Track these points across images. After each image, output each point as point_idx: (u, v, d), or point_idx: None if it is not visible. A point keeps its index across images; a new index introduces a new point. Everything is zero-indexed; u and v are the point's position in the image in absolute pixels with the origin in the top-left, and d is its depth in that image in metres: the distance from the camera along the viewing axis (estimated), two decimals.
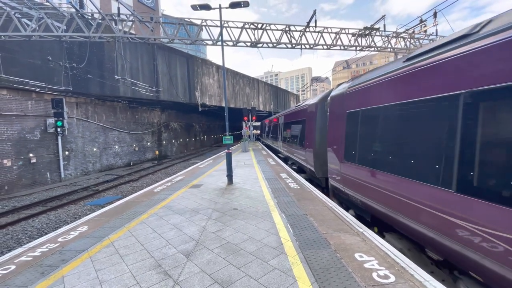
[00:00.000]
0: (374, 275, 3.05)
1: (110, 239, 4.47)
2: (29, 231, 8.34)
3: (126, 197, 7.61)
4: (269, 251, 3.74)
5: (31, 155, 14.76)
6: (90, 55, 16.77)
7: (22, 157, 14.30)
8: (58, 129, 15.80)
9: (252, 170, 11.44)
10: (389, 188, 4.12)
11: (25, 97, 14.39)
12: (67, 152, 17.02)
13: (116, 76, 15.07)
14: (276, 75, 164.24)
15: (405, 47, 16.46)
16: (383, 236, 4.74)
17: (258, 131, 48.66)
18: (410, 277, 3.00)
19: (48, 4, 11.44)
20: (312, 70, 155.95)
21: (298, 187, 7.63)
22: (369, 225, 5.01)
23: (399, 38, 16.38)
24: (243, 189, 7.74)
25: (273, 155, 18.02)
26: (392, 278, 2.97)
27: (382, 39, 15.57)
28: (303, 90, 35.82)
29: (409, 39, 16.65)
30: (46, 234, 8.01)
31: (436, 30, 17.59)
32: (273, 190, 7.45)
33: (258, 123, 49.19)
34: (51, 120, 15.60)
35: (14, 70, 13.26)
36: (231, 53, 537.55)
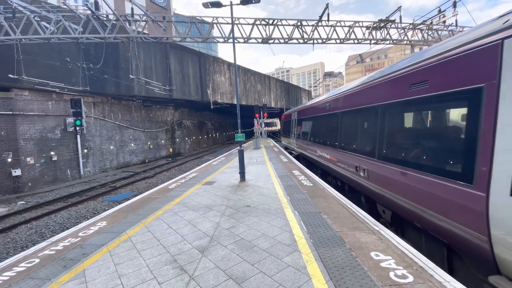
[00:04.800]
0: (391, 274, 2.98)
1: (128, 234, 4.60)
2: (51, 225, 8.74)
3: (142, 194, 7.80)
4: (282, 248, 3.74)
5: (52, 153, 15.41)
6: (106, 56, 17.24)
7: (44, 155, 14.95)
8: (77, 128, 16.40)
9: (264, 167, 11.44)
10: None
11: (46, 97, 15.01)
12: (85, 150, 17.64)
13: (131, 76, 15.43)
14: (288, 71, 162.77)
15: (423, 39, 15.86)
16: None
17: (270, 128, 48.46)
18: (429, 277, 2.91)
19: (65, 7, 11.80)
20: (324, 65, 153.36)
21: (311, 184, 7.57)
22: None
23: (416, 30, 15.79)
24: (256, 186, 7.76)
25: (285, 152, 17.90)
26: (411, 278, 2.89)
27: (398, 31, 15.05)
28: (315, 86, 35.21)
29: (426, 31, 16.02)
30: (67, 229, 8.35)
31: (456, 20, 16.83)
32: (286, 187, 7.42)
33: (270, 120, 48.99)
34: (70, 120, 16.21)
35: (35, 71, 13.83)
36: (241, 51, 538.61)
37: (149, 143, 24.56)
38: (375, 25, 14.52)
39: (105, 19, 12.17)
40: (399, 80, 4.62)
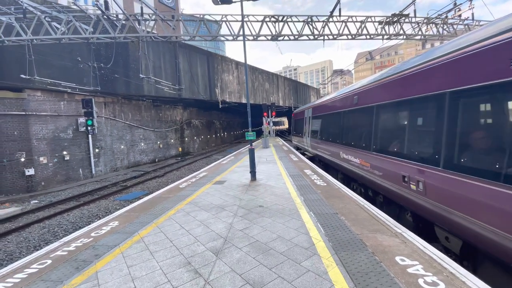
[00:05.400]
0: (421, 281, 2.76)
1: (140, 235, 4.51)
2: (64, 225, 8.80)
3: (153, 193, 7.76)
4: (300, 251, 3.56)
5: (64, 152, 15.64)
6: (116, 56, 17.37)
7: (56, 155, 15.18)
8: (89, 128, 16.58)
9: (275, 166, 11.26)
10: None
11: (58, 98, 15.22)
12: (97, 150, 17.85)
13: (141, 75, 15.49)
14: (295, 69, 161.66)
15: (438, 33, 15.32)
16: None
17: (278, 127, 48.18)
18: (461, 284, 2.69)
19: (75, 7, 11.89)
20: (333, 63, 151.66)
21: (325, 184, 7.35)
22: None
23: (431, 24, 15.26)
24: (267, 186, 7.59)
25: (295, 151, 17.68)
26: (442, 286, 2.68)
27: (412, 26, 14.58)
28: (325, 83, 34.66)
29: (442, 25, 15.47)
30: (80, 228, 8.40)
31: (472, 14, 16.21)
32: (299, 187, 7.22)
33: (278, 119, 48.71)
34: (82, 120, 16.41)
35: (47, 72, 14.02)
36: (248, 50, 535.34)
37: (158, 142, 24.72)
38: (388, 19, 14.10)
39: (115, 19, 12.21)
40: (497, 50, 3.10)
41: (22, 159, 13.66)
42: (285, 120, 51.60)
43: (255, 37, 12.35)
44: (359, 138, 7.03)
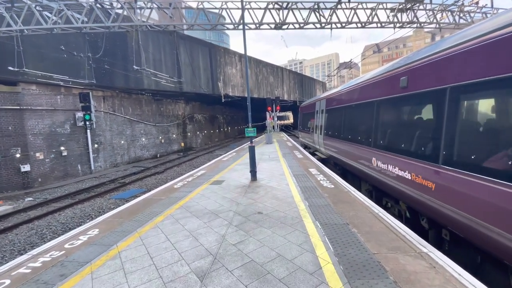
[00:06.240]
0: None
1: (118, 248, 3.90)
2: (53, 226, 8.31)
3: (145, 194, 7.16)
4: (304, 278, 2.88)
5: (62, 148, 15.19)
6: (114, 48, 16.74)
7: (53, 150, 14.75)
8: (87, 123, 16.09)
9: (278, 164, 10.57)
10: None
11: (54, 91, 14.70)
12: (96, 145, 17.39)
13: (134, 66, 14.76)
14: (301, 63, 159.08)
15: (454, 22, 14.23)
16: None
17: (283, 122, 47.29)
18: None
19: None
20: (339, 56, 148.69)
21: (332, 186, 6.63)
22: None
23: (447, 12, 14.17)
24: (268, 187, 6.92)
25: (300, 147, 16.92)
26: None
27: (426, 13, 13.52)
28: (333, 75, 33.47)
29: (458, 13, 14.36)
30: (70, 229, 7.90)
31: (492, 1, 15.06)
32: (303, 189, 6.53)
33: (282, 113, 47.76)
34: (79, 114, 15.90)
35: (41, 65, 13.48)
36: (252, 43, 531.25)
37: (160, 137, 24.21)
38: (400, 6, 13.08)
39: (109, 7, 11.52)
40: None
41: (18, 155, 13.24)
42: (290, 114, 50.61)
43: (257, 25, 11.53)
44: (413, 142, 4.50)
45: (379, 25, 13.07)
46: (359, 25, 12.79)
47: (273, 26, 11.87)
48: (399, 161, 4.82)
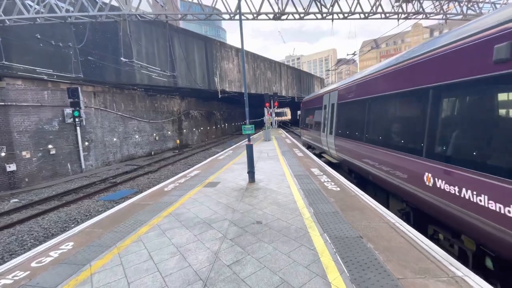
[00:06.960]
0: None
1: (91, 269, 3.28)
2: (35, 231, 7.66)
3: (131, 199, 6.52)
4: None
5: (50, 146, 14.45)
6: (104, 41, 15.91)
7: (41, 149, 14.00)
8: (76, 119, 15.33)
9: (277, 163, 9.96)
10: None
11: (41, 87, 13.89)
12: (86, 143, 16.66)
13: (122, 58, 13.94)
14: (298, 59, 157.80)
15: (462, 13, 13.61)
16: None
17: (281, 118, 46.71)
18: None
19: None
20: (337, 52, 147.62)
21: (338, 189, 6.04)
22: None
23: (454, 2, 13.54)
24: (268, 190, 6.31)
25: (299, 144, 16.32)
26: None
27: (433, 3, 12.89)
28: (334, 69, 32.69)
29: (466, 3, 13.74)
30: (52, 235, 7.28)
31: None
32: (306, 192, 5.93)
33: (280, 109, 47.15)
34: (68, 110, 15.12)
35: (26, 58, 12.67)
36: (250, 39, 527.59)
37: (154, 134, 23.47)
38: None
39: None
40: None
41: (3, 154, 12.50)
42: (287, 110, 50.00)
43: (254, 15, 10.82)
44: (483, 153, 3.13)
45: (383, 15, 12.42)
46: (362, 15, 12.13)
47: (271, 16, 11.18)
48: (480, 183, 3.04)
